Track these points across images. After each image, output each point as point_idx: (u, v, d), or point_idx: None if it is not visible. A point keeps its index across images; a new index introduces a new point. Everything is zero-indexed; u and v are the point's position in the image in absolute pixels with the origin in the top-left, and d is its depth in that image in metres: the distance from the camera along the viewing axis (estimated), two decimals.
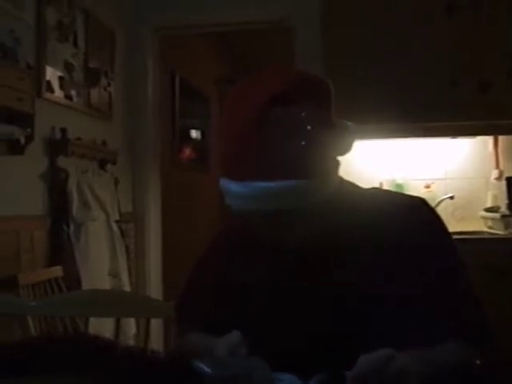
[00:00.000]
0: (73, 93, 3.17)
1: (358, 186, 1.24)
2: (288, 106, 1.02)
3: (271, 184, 1.01)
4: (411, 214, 1.16)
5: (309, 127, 1.02)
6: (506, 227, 3.43)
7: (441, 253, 1.15)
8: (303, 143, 1.01)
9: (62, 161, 2.99)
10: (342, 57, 3.53)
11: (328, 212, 1.09)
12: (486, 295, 1.17)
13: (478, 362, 1.06)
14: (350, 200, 1.16)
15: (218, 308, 1.24)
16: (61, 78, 3.03)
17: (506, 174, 3.65)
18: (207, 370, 1.00)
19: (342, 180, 1.16)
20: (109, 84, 3.62)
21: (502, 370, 1.04)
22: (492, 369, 1.05)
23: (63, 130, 2.99)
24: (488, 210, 3.66)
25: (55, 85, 2.98)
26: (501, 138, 3.71)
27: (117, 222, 3.48)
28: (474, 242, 3.27)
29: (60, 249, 2.91)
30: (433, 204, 3.81)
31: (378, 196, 1.23)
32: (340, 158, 1.12)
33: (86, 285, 2.94)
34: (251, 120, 1.01)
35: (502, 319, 2.87)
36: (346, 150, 1.11)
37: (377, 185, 3.70)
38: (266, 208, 1.05)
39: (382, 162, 3.84)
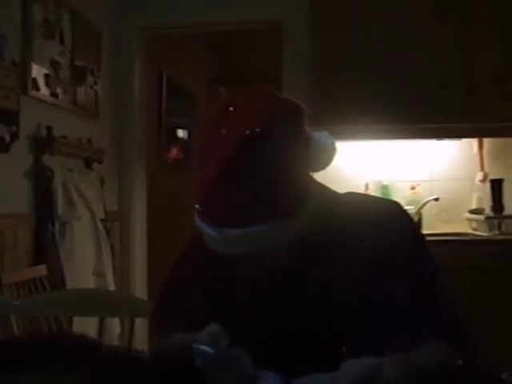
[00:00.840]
0: (59, 91, 3.15)
1: (333, 193, 1.24)
2: (258, 145, 1.00)
3: (245, 230, 1.00)
4: (387, 219, 1.18)
5: (278, 168, 1.02)
6: (491, 229, 3.45)
7: (416, 256, 1.17)
8: (273, 186, 1.01)
9: (47, 159, 2.97)
10: (329, 58, 3.54)
11: (306, 227, 1.08)
12: (470, 296, 1.19)
13: (459, 362, 1.07)
14: (327, 210, 1.15)
15: (198, 309, 1.24)
16: (47, 76, 3.01)
17: (491, 177, 3.68)
18: (209, 350, 1.00)
19: (318, 190, 1.16)
20: (95, 82, 3.60)
21: (479, 369, 1.05)
22: (469, 368, 1.06)
23: (49, 128, 2.97)
24: (473, 211, 3.68)
25: (41, 82, 2.96)
26: (486, 140, 3.74)
27: (102, 220, 3.46)
28: (459, 244, 3.30)
29: (44, 248, 2.89)
30: (418, 206, 3.83)
31: (354, 202, 1.24)
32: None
33: (71, 284, 2.92)
34: (220, 170, 1.00)
35: (485, 318, 2.91)
36: (322, 166, 1.12)
37: (363, 186, 3.72)
38: (242, 251, 1.05)
39: (367, 163, 3.86)
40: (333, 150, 1.13)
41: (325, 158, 1.12)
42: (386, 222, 1.17)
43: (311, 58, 3.57)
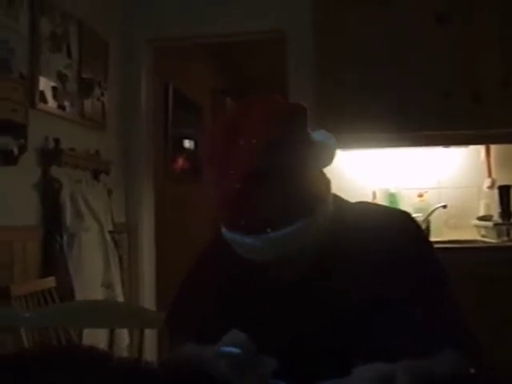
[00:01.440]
0: (66, 103, 3.17)
1: (345, 202, 1.27)
2: (276, 151, 1.03)
3: (281, 232, 1.04)
4: (396, 228, 1.20)
5: (294, 169, 1.05)
6: (499, 235, 3.44)
7: (425, 263, 1.18)
8: (298, 185, 1.04)
9: (55, 171, 2.98)
10: (334, 66, 3.55)
11: (323, 235, 1.12)
12: (478, 302, 1.19)
13: (471, 371, 1.06)
14: (339, 219, 1.17)
15: (214, 317, 1.24)
16: (54, 89, 3.03)
17: (499, 183, 3.66)
18: (236, 350, 1.01)
19: (329, 190, 1.18)
20: (102, 94, 3.62)
21: (489, 377, 1.06)
22: (481, 377, 1.06)
23: (56, 141, 2.98)
24: (481, 218, 3.67)
25: (48, 95, 2.97)
26: (493, 146, 3.73)
27: (110, 232, 3.47)
28: (468, 251, 3.28)
29: (53, 259, 2.89)
30: (426, 213, 3.82)
31: (366, 212, 1.27)
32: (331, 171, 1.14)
33: (79, 296, 2.92)
34: (246, 179, 1.02)
35: (492, 324, 2.89)
36: (325, 164, 1.14)
37: (370, 194, 3.72)
38: (279, 255, 1.07)
39: (375, 171, 3.85)
40: (334, 147, 1.15)
41: (327, 156, 1.14)
42: (395, 230, 1.19)
43: (317, 68, 3.58)
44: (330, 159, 1.14)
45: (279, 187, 1.02)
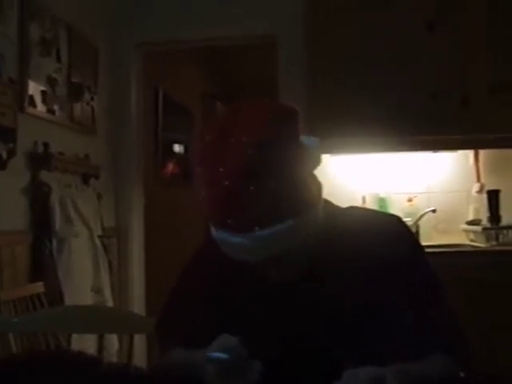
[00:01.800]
0: (56, 107, 3.16)
1: (336, 207, 1.27)
2: (268, 149, 1.03)
3: (272, 229, 1.03)
4: (388, 233, 1.20)
5: (286, 168, 1.05)
6: (488, 240, 3.46)
7: (417, 267, 1.19)
8: (287, 185, 1.04)
9: (44, 175, 2.97)
10: (325, 71, 3.56)
11: (314, 238, 1.12)
12: (468, 307, 1.19)
13: (462, 375, 1.07)
14: (330, 225, 1.18)
15: (200, 324, 1.24)
16: (43, 93, 3.02)
17: (487, 188, 3.68)
18: (224, 356, 1.00)
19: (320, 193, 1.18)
20: (92, 99, 3.61)
21: (476, 379, 1.06)
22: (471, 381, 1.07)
23: (46, 145, 2.97)
24: (470, 223, 3.69)
25: (38, 99, 2.96)
26: (482, 151, 3.75)
27: (100, 237, 3.45)
28: (457, 255, 3.30)
29: (42, 264, 2.88)
30: (415, 217, 3.82)
31: (358, 217, 1.27)
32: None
33: (69, 301, 2.91)
34: (238, 177, 1.02)
35: (481, 328, 2.91)
36: (312, 167, 1.14)
37: (360, 199, 3.73)
38: (267, 255, 1.07)
39: (364, 176, 3.86)
40: (320, 150, 1.16)
41: (315, 159, 1.14)
42: (387, 235, 1.19)
43: (307, 73, 3.59)
44: (316, 163, 1.15)
45: (269, 186, 1.02)
